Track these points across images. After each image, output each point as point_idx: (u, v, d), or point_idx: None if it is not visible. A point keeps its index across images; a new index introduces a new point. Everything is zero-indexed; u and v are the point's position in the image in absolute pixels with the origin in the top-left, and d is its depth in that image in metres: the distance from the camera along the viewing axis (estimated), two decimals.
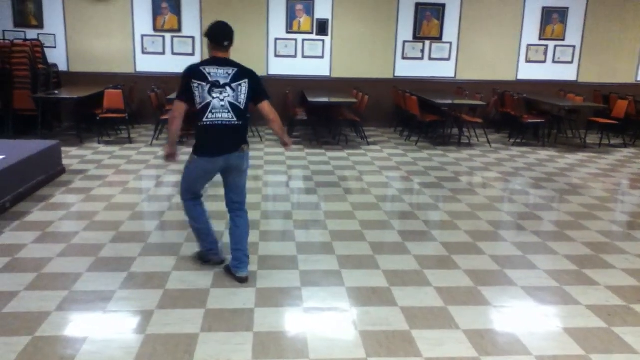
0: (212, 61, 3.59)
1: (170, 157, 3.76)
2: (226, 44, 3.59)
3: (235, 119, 3.58)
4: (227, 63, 3.60)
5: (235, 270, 3.78)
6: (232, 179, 3.73)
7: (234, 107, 3.56)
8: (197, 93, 3.50)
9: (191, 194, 3.80)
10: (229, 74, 3.55)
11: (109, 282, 3.72)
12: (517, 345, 3.07)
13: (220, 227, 4.90)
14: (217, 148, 3.58)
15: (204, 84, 3.50)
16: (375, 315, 3.36)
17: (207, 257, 4.00)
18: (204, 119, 3.53)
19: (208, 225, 3.92)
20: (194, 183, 3.76)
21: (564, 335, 3.18)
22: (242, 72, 3.61)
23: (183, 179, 3.80)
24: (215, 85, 3.51)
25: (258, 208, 5.45)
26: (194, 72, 3.53)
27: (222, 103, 3.53)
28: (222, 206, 5.43)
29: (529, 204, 5.91)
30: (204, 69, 3.52)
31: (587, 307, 3.54)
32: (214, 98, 3.51)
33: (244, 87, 3.59)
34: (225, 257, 4.01)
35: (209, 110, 3.52)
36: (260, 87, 3.69)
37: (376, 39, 10.69)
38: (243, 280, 3.74)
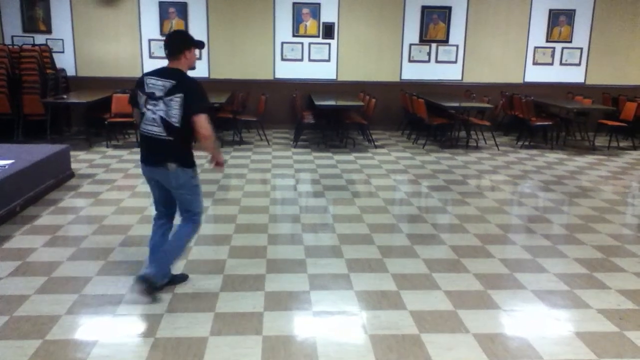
0: (158, 71, 3.47)
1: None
2: (166, 52, 3.47)
3: (164, 133, 3.40)
4: (168, 75, 3.40)
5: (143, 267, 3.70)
6: (169, 190, 3.59)
7: (164, 121, 3.38)
8: (139, 101, 3.48)
9: (154, 204, 3.77)
10: (165, 87, 3.36)
11: (119, 286, 3.72)
12: (528, 350, 3.05)
13: (229, 230, 4.91)
14: (144, 157, 3.58)
15: (141, 93, 3.45)
16: (384, 319, 3.35)
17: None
18: (141, 127, 3.51)
19: (151, 244, 3.69)
20: (150, 190, 3.74)
21: (575, 340, 3.16)
22: (179, 86, 3.35)
23: None
24: (150, 97, 3.40)
25: (266, 211, 5.45)
26: (139, 81, 3.50)
27: (154, 116, 3.40)
28: (229, 210, 5.46)
29: (539, 206, 5.88)
30: (147, 78, 3.44)
31: (598, 311, 3.51)
32: (147, 110, 3.42)
33: (175, 102, 3.34)
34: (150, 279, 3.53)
35: (143, 120, 3.47)
36: (195, 101, 3.37)
37: (382, 42, 10.69)
38: (142, 280, 3.43)
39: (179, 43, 3.48)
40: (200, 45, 3.57)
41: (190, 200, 3.61)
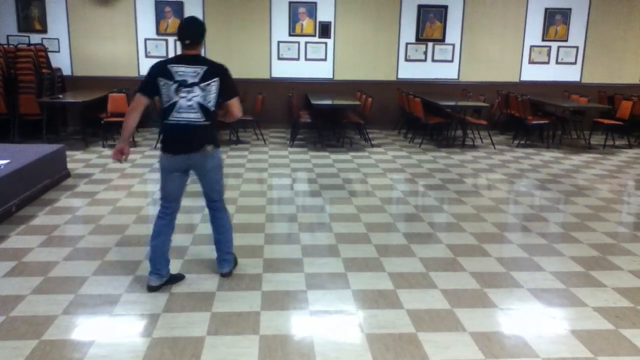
0: (180, 59, 3.47)
1: (119, 153, 3.55)
2: (187, 42, 3.44)
3: (202, 119, 3.47)
4: (196, 61, 3.45)
5: (218, 268, 3.86)
6: (200, 177, 3.67)
7: (202, 107, 3.45)
8: (163, 91, 3.42)
9: (164, 200, 3.66)
10: (198, 73, 3.42)
11: (115, 286, 3.72)
12: (525, 348, 3.05)
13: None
14: (179, 147, 3.51)
15: (170, 82, 3.40)
16: (381, 318, 3.35)
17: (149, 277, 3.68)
18: (169, 118, 3.45)
19: (159, 245, 3.65)
20: (164, 183, 3.64)
21: (572, 338, 3.17)
22: (213, 71, 3.46)
23: (160, 181, 3.70)
24: (182, 84, 3.40)
25: (263, 211, 5.45)
26: (160, 70, 3.43)
27: (190, 103, 3.42)
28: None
29: (535, 205, 5.89)
30: (172, 67, 3.41)
31: (594, 309, 3.52)
32: (181, 97, 3.41)
33: (213, 86, 3.45)
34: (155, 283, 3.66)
35: (175, 109, 3.43)
36: (230, 84, 3.54)
37: (379, 41, 10.70)
38: (226, 275, 3.84)
39: (201, 30, 3.51)
40: None
41: (219, 179, 3.74)
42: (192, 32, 3.48)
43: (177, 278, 3.80)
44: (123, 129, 3.59)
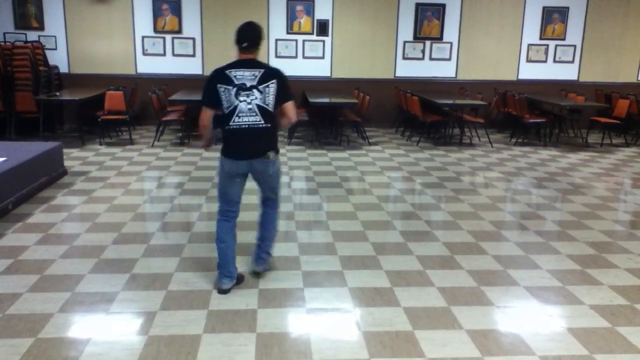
0: (237, 63, 3.48)
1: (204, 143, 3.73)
2: (245, 45, 3.46)
3: (262, 121, 3.46)
4: (253, 65, 3.47)
5: (254, 264, 3.86)
6: (260, 181, 3.65)
7: (261, 109, 3.45)
8: (223, 97, 3.41)
9: (223, 203, 3.61)
10: (256, 76, 3.43)
11: (112, 284, 3.71)
12: (521, 346, 3.06)
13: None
14: (241, 152, 3.48)
15: (229, 87, 3.40)
16: (378, 316, 3.35)
17: (218, 279, 3.68)
18: (230, 123, 3.44)
19: (228, 248, 3.62)
20: (224, 187, 3.59)
21: (568, 336, 3.18)
22: (270, 74, 3.48)
23: (218, 185, 3.68)
24: (241, 88, 3.41)
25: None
26: (219, 76, 3.44)
27: (250, 106, 3.43)
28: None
29: (532, 203, 5.90)
30: (230, 72, 3.42)
31: (590, 307, 3.53)
32: (240, 101, 3.42)
33: (272, 88, 3.46)
34: (227, 286, 3.63)
35: (236, 114, 3.42)
36: (286, 87, 3.55)
37: (377, 39, 10.69)
38: (258, 275, 3.85)
39: (259, 34, 3.52)
40: None
41: (278, 182, 3.75)
42: (249, 35, 3.50)
43: (240, 279, 3.77)
44: (203, 135, 3.66)
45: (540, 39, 10.95)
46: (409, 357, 2.93)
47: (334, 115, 9.49)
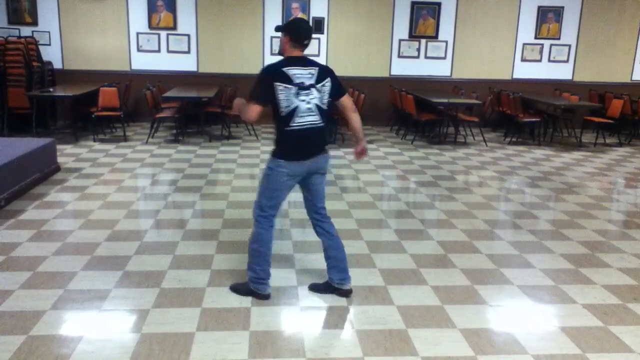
0: (294, 61, 3.31)
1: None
2: (306, 42, 3.36)
3: (320, 120, 3.37)
4: (307, 62, 3.35)
5: (340, 284, 3.57)
6: (314, 183, 3.46)
7: (319, 108, 3.35)
8: (282, 97, 3.23)
9: (272, 209, 3.43)
10: (312, 74, 3.30)
11: (105, 281, 3.70)
12: (514, 345, 3.07)
13: (217, 225, 4.88)
14: (305, 152, 3.34)
15: (289, 86, 3.23)
16: (372, 314, 3.35)
17: (252, 288, 3.53)
18: (291, 124, 3.27)
19: (270, 252, 3.53)
20: (277, 193, 3.40)
21: (561, 334, 3.19)
22: (324, 71, 3.38)
23: (264, 189, 3.42)
24: (301, 87, 3.26)
25: None
26: (277, 74, 3.24)
27: (309, 106, 3.29)
28: (217, 204, 5.43)
29: (525, 202, 5.91)
30: (287, 70, 3.24)
31: (583, 306, 3.55)
32: (301, 101, 3.27)
33: (327, 86, 3.37)
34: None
35: (296, 114, 3.27)
36: (338, 82, 3.46)
37: (372, 37, 10.68)
38: (349, 293, 3.56)
39: (312, 31, 3.45)
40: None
41: (324, 182, 3.57)
42: (311, 32, 3.42)
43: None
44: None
45: (535, 38, 10.98)
46: (402, 356, 2.93)
47: (329, 113, 9.45)
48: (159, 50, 10.36)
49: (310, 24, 3.46)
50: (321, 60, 10.64)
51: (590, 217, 5.40)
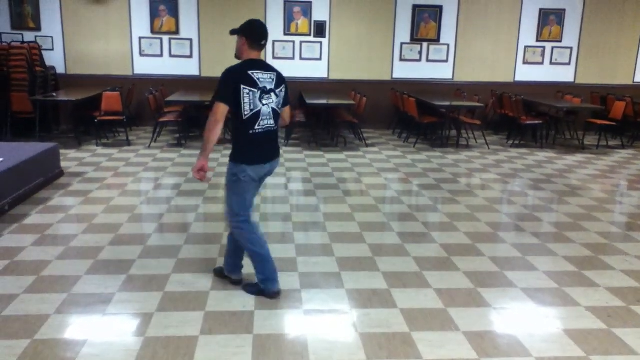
0: (255, 64, 3.34)
1: (201, 171, 3.34)
2: (263, 42, 3.40)
3: (274, 124, 3.45)
4: (267, 66, 3.41)
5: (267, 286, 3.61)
6: (259, 185, 3.58)
7: (275, 113, 3.42)
8: (247, 100, 3.25)
9: (246, 210, 3.46)
10: (273, 79, 3.38)
11: (108, 285, 3.71)
12: (518, 347, 3.07)
13: (220, 229, 4.89)
14: (267, 155, 3.43)
15: (255, 90, 3.26)
16: (375, 318, 3.36)
17: (262, 287, 3.58)
18: (255, 127, 3.31)
19: (267, 248, 3.56)
20: (246, 195, 3.44)
21: (564, 337, 3.18)
22: (281, 77, 3.45)
23: (233, 196, 3.44)
24: (264, 91, 3.31)
25: (257, 210, 5.44)
26: (242, 77, 3.25)
27: (268, 110, 3.36)
28: (220, 208, 5.44)
29: (528, 205, 5.91)
30: (253, 73, 3.28)
31: (587, 308, 3.54)
32: (263, 105, 3.32)
33: (283, 91, 3.46)
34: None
35: (260, 117, 3.31)
36: (287, 92, 3.56)
37: (374, 40, 10.70)
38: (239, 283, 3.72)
39: (267, 32, 3.50)
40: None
41: None
42: (267, 33, 3.45)
43: (238, 281, 3.79)
44: (205, 143, 3.29)
45: (537, 41, 10.99)
46: (406, 359, 2.93)
47: (331, 116, 9.49)
48: (161, 55, 10.39)
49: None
50: (324, 63, 10.68)
51: (593, 220, 5.40)
